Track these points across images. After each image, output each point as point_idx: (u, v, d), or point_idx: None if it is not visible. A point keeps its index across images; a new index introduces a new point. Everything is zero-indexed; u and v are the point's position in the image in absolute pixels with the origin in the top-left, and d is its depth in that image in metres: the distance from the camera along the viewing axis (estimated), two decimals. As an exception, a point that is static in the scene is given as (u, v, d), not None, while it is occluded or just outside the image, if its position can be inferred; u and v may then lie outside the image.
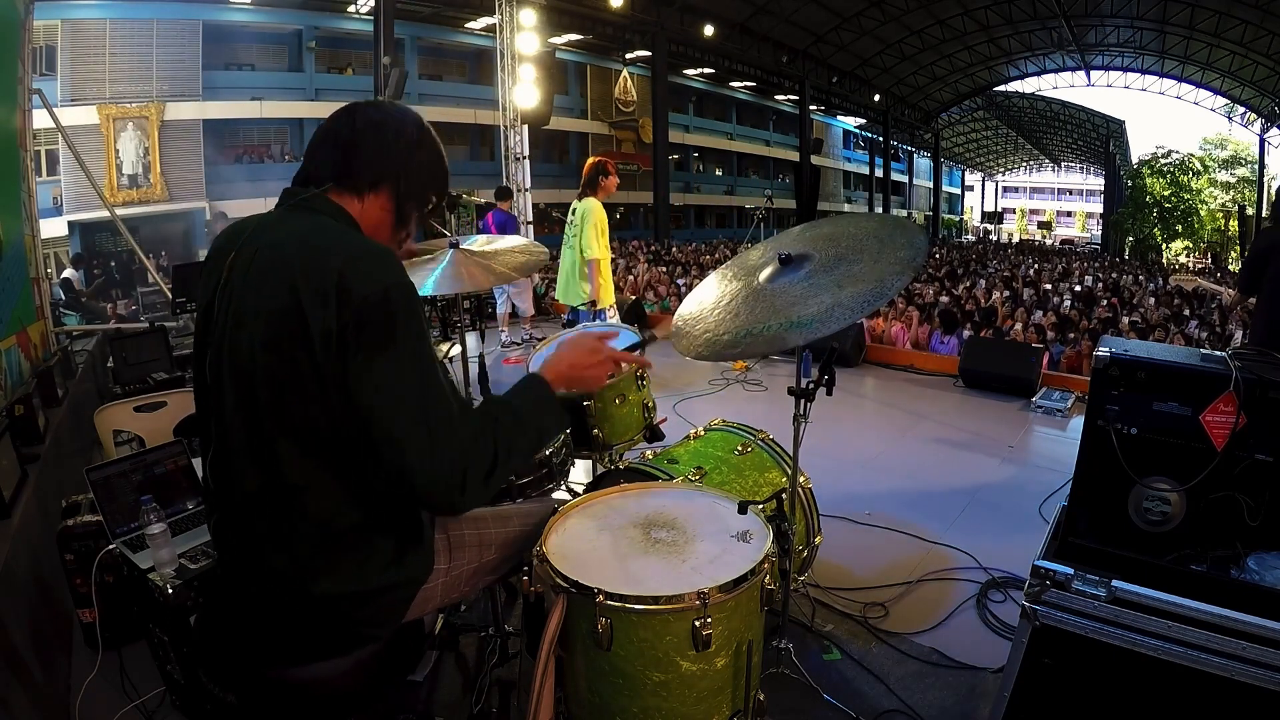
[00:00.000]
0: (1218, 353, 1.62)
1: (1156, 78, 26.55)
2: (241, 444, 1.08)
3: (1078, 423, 3.81)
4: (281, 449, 1.06)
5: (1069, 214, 48.68)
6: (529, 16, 11.65)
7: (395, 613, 1.21)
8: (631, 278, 10.77)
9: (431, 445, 1.03)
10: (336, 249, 1.06)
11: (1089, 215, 46.62)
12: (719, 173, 31.17)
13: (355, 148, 1.17)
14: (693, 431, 2.33)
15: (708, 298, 1.81)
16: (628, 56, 23.75)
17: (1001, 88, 31.91)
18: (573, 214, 4.72)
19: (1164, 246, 34.40)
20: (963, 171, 48.93)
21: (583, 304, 4.62)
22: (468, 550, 1.35)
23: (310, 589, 1.11)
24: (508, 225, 6.72)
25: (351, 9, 18.61)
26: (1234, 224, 30.64)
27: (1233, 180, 33.02)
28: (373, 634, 1.19)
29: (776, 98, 31.24)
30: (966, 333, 6.81)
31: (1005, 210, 49.79)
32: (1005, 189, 50.78)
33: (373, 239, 1.17)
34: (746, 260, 1.91)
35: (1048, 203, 49.64)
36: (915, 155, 39.61)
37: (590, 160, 4.63)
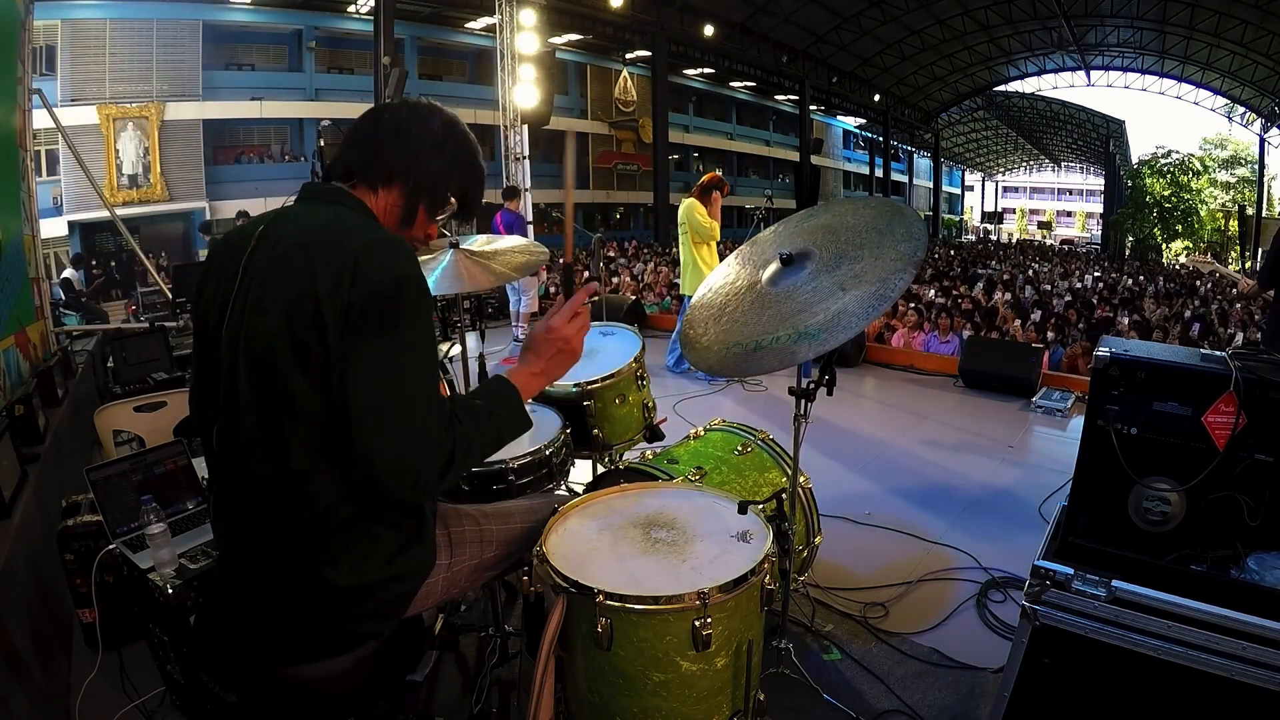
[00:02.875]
0: (1218, 353, 1.62)
1: (1156, 78, 26.54)
2: (253, 430, 1.09)
3: (1078, 423, 3.81)
4: (288, 434, 1.07)
5: (1069, 214, 48.65)
6: (529, 16, 11.65)
7: (397, 608, 1.21)
8: (631, 279, 10.78)
9: (396, 438, 1.04)
10: (354, 235, 1.09)
11: (1089, 215, 46.58)
12: (719, 173, 31.16)
13: (374, 143, 1.22)
14: (693, 431, 2.32)
15: (715, 300, 1.81)
16: (628, 56, 23.75)
17: (1001, 88, 31.89)
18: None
19: (1164, 246, 34.38)
20: (963, 171, 48.90)
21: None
22: (469, 546, 1.36)
23: (312, 581, 1.11)
24: (514, 225, 6.74)
25: (351, 9, 18.58)
26: (1234, 224, 30.63)
27: (1233, 180, 32.98)
28: (374, 630, 1.19)
29: (776, 98, 31.21)
30: (967, 333, 6.81)
31: (1005, 210, 49.75)
32: (1005, 189, 50.75)
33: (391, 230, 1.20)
34: (759, 244, 1.91)
35: (1048, 203, 49.61)
36: (915, 155, 39.56)
37: (709, 174, 5.34)
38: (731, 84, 29.35)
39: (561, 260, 1.58)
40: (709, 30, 19.61)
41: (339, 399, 1.05)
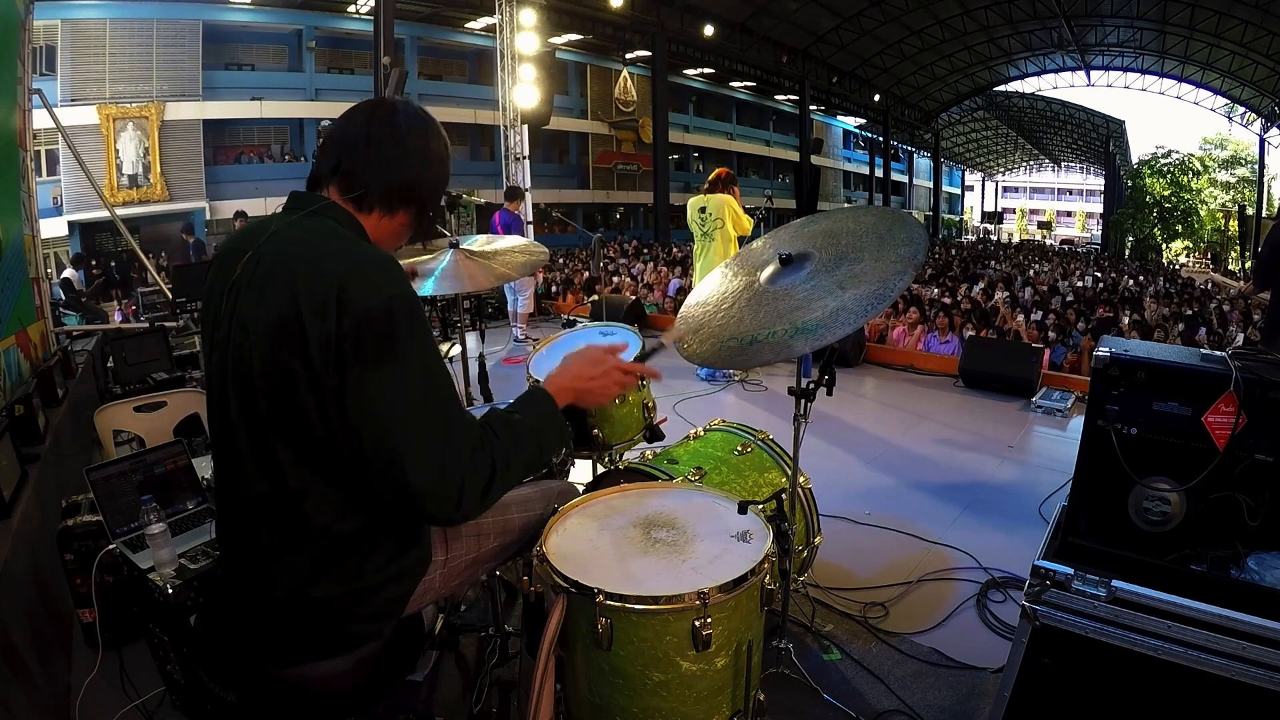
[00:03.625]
0: (1218, 353, 1.62)
1: (1156, 78, 26.53)
2: (245, 448, 1.09)
3: (1078, 423, 3.81)
4: (281, 455, 1.06)
5: (1069, 214, 48.69)
6: (529, 16, 11.65)
7: (395, 608, 1.21)
8: (630, 279, 10.78)
9: (429, 460, 1.03)
10: (338, 257, 1.05)
11: (1089, 215, 46.63)
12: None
13: (373, 166, 1.15)
14: (693, 431, 2.32)
15: (710, 298, 1.81)
16: (628, 56, 23.74)
17: (1001, 88, 31.89)
18: (702, 211, 4.99)
19: (1164, 246, 34.40)
20: (963, 171, 48.91)
21: None
22: (465, 541, 1.35)
23: (312, 592, 1.11)
24: (512, 226, 6.75)
25: (351, 9, 18.61)
26: (1234, 224, 30.62)
27: (1233, 180, 33.00)
28: (373, 631, 1.19)
29: (776, 98, 31.22)
30: (968, 332, 6.81)
31: (1005, 210, 49.79)
32: (1005, 189, 50.78)
33: (378, 246, 1.17)
34: (749, 254, 1.91)
35: (1048, 203, 49.65)
36: (915, 155, 39.58)
37: (721, 169, 5.15)
38: (731, 84, 29.36)
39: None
40: (709, 30, 19.61)
41: (345, 430, 1.03)
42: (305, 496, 1.08)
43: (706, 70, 25.52)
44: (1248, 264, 25.66)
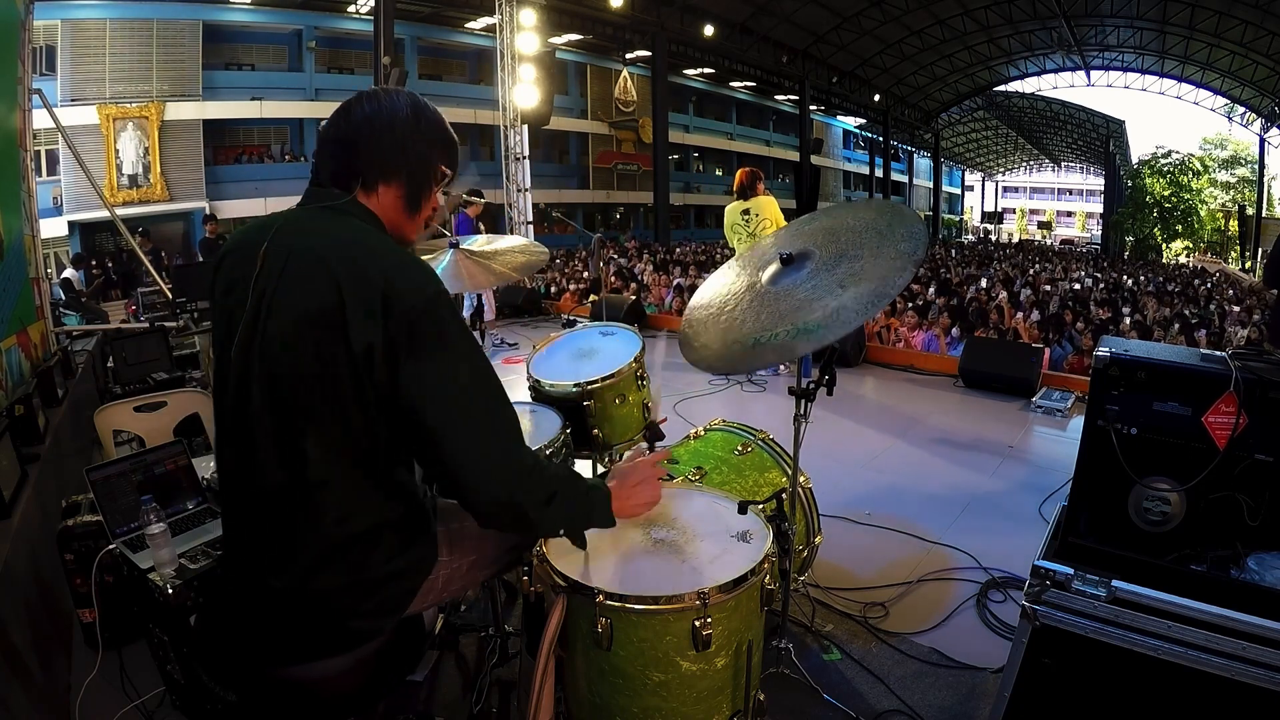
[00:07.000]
0: (1218, 353, 1.62)
1: (1156, 78, 26.53)
2: (268, 439, 1.09)
3: (1078, 423, 3.81)
4: (308, 444, 1.08)
5: (1069, 214, 48.69)
6: (529, 16, 11.66)
7: (399, 605, 1.21)
8: (634, 282, 10.77)
9: (485, 440, 1.07)
10: (378, 257, 1.09)
11: (1089, 215, 46.62)
12: (719, 173, 31.16)
13: (355, 147, 1.18)
14: (693, 431, 2.32)
15: (714, 301, 1.81)
16: (628, 56, 23.75)
17: (1001, 88, 31.88)
18: (745, 214, 4.91)
19: (1164, 246, 34.41)
20: (963, 171, 48.90)
21: None
22: (467, 543, 1.35)
23: (315, 584, 1.12)
24: (463, 227, 6.18)
25: (351, 9, 18.61)
26: (1234, 224, 30.64)
27: (1233, 180, 33.02)
28: (374, 628, 1.19)
29: (776, 98, 31.23)
30: (955, 332, 6.81)
31: (1005, 210, 49.78)
32: (1005, 189, 50.78)
33: (401, 243, 1.21)
34: (751, 254, 1.91)
35: (1048, 203, 49.65)
36: (915, 155, 39.57)
37: (746, 169, 4.99)
38: (731, 84, 29.36)
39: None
40: (709, 30, 19.62)
41: (401, 422, 1.07)
42: (323, 488, 1.09)
43: (706, 70, 25.53)
44: (1247, 264, 25.67)
